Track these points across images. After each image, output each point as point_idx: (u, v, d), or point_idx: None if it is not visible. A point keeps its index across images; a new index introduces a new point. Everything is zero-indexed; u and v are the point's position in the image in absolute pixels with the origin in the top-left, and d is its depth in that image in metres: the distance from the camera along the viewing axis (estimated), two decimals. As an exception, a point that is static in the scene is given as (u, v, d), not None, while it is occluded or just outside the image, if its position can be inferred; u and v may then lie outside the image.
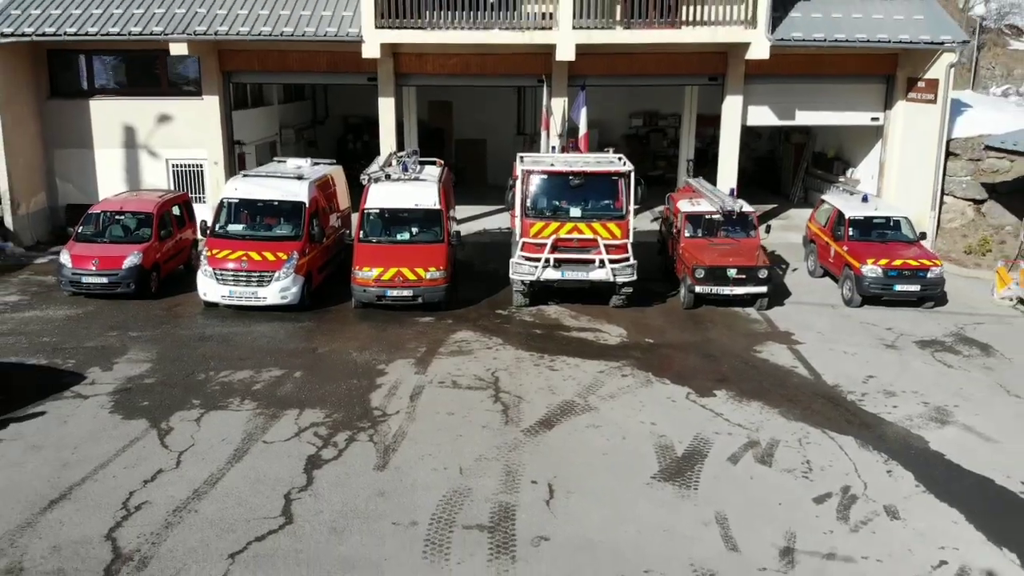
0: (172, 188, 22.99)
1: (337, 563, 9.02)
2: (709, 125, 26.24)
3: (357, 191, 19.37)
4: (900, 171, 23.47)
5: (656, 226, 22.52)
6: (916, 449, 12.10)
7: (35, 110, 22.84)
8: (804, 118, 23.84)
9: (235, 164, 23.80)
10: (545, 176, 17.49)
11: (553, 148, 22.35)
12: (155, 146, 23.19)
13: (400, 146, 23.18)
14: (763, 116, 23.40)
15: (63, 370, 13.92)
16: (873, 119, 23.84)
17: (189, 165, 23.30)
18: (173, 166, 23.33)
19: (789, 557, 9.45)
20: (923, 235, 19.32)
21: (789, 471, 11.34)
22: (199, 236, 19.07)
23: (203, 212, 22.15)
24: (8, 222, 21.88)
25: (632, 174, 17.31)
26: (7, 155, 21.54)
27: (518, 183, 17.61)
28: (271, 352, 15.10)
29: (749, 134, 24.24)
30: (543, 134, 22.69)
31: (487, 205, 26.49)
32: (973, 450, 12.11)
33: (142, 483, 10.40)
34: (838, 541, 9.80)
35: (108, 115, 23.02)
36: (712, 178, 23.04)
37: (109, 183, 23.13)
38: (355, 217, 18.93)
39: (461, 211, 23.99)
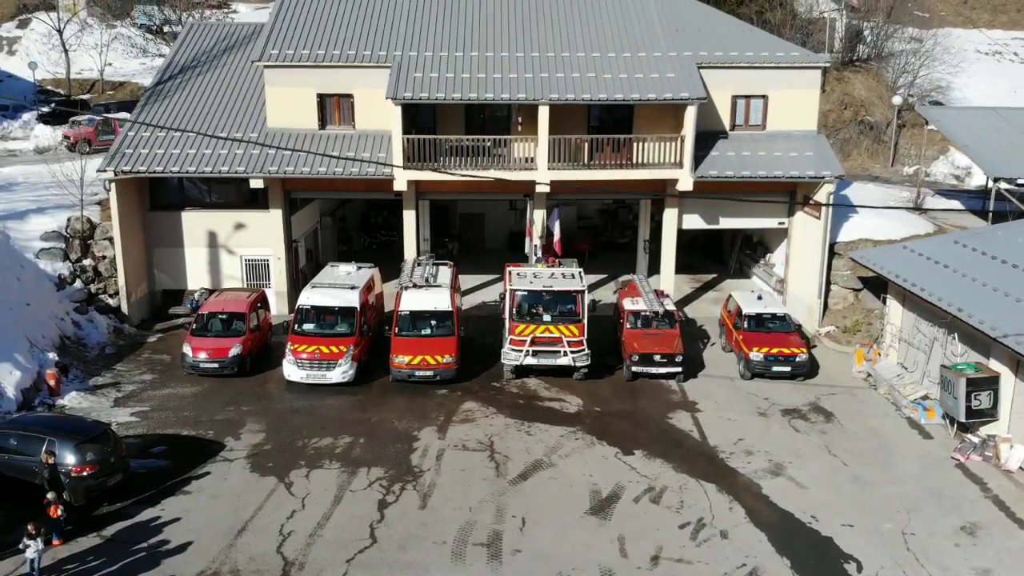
0: (244, 277, 30.38)
1: (405, 566, 16.40)
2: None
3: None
4: (800, 263, 30.82)
5: (616, 298, 29.40)
6: (752, 493, 19.45)
7: (140, 220, 30.12)
8: (726, 222, 31.22)
9: (292, 256, 31.16)
10: (526, 292, 24.88)
11: (535, 247, 29.73)
12: (232, 246, 30.48)
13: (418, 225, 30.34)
14: (695, 222, 30.78)
15: (208, 440, 21.23)
16: (780, 223, 31.26)
17: (258, 260, 30.60)
18: (245, 261, 30.63)
19: (656, 561, 16.82)
20: (799, 326, 26.66)
21: (668, 507, 18.70)
22: (275, 315, 26.49)
23: (271, 295, 29.46)
24: (124, 308, 29.20)
25: (586, 291, 24.75)
26: (124, 258, 28.84)
27: (507, 296, 24.97)
28: (340, 421, 22.40)
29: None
30: (527, 240, 30.13)
31: (486, 274, 33.93)
32: (788, 494, 19.44)
33: (286, 519, 17.77)
34: (686, 551, 17.16)
35: (196, 222, 30.31)
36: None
37: (195, 274, 30.55)
38: (388, 294, 26.33)
39: (464, 281, 31.16)
